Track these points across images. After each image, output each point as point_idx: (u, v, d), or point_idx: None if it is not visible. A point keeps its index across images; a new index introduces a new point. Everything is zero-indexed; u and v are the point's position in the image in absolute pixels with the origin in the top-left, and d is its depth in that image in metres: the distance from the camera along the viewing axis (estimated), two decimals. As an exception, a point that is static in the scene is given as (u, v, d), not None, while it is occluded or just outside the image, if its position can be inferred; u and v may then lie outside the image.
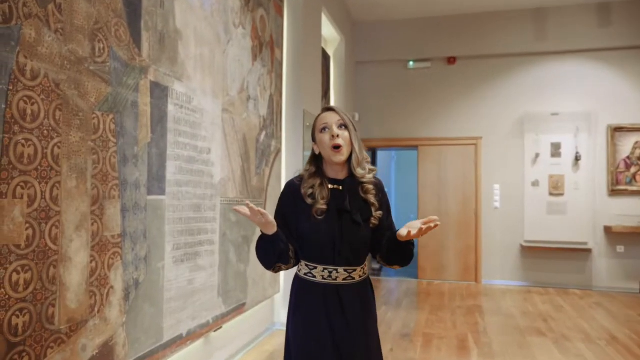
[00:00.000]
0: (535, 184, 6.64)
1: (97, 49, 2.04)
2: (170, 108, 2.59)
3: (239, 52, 3.47)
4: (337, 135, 1.60)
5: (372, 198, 1.64)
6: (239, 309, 3.47)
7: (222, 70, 3.22)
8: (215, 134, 3.10)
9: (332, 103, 6.41)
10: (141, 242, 2.34)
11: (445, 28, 6.96)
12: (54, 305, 1.81)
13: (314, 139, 1.71)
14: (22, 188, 1.68)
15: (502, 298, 5.85)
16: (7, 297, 1.62)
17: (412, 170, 13.29)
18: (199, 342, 2.97)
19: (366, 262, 1.72)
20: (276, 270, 1.69)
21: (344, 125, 1.63)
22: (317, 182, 1.64)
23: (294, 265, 1.72)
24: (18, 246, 1.66)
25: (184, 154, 2.72)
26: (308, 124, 4.73)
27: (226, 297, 3.25)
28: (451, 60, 7.00)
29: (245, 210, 1.49)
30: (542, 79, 6.74)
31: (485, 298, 5.84)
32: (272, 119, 4.12)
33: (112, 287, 2.13)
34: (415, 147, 7.27)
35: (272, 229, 1.56)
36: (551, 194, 6.59)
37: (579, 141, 6.53)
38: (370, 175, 1.66)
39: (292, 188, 1.70)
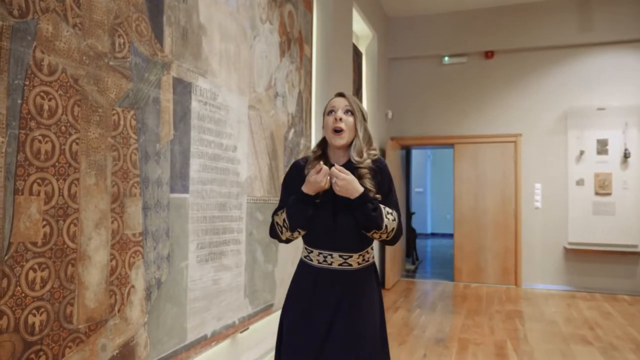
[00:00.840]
0: (579, 182, 6.30)
1: (117, 44, 2.01)
2: (194, 104, 2.54)
3: (266, 48, 3.40)
4: (340, 119, 1.62)
5: (367, 183, 1.62)
6: (267, 310, 3.40)
7: (249, 66, 3.16)
8: (242, 131, 3.04)
9: (365, 101, 6.28)
10: (163, 241, 2.29)
11: (482, 21, 6.71)
12: (72, 304, 1.78)
13: (323, 124, 1.74)
14: (39, 185, 1.65)
15: (543, 303, 5.57)
16: (23, 295, 1.59)
17: (448, 169, 12.98)
18: (224, 343, 2.92)
19: (369, 250, 1.69)
20: (295, 236, 1.71)
21: (350, 111, 1.65)
22: (319, 160, 1.68)
23: (297, 238, 1.74)
24: (35, 243, 1.64)
25: (208, 152, 2.67)
26: (338, 122, 4.63)
27: (253, 298, 3.19)
28: (488, 55, 6.74)
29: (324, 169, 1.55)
30: (587, 72, 6.39)
31: (525, 303, 5.57)
32: (300, 117, 4.04)
33: (133, 286, 2.09)
34: (451, 145, 7.04)
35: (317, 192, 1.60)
36: (597, 194, 6.23)
37: (627, 137, 6.14)
38: (368, 161, 1.65)
39: (296, 169, 1.74)
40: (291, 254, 3.77)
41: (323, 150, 1.73)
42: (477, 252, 6.72)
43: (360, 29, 6.03)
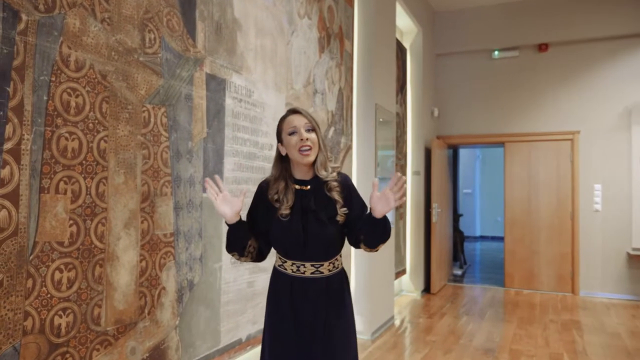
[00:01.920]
0: (645, 183, 5.81)
1: (147, 40, 1.96)
2: (228, 101, 2.47)
3: (304, 43, 3.30)
4: (307, 139, 1.64)
5: (336, 195, 1.67)
6: (305, 313, 3.30)
7: (286, 63, 3.07)
8: (278, 129, 2.95)
9: (409, 98, 6.07)
10: (196, 242, 2.23)
11: (534, 12, 6.33)
12: (100, 306, 1.74)
13: (279, 140, 1.73)
14: (66, 183, 1.62)
15: (604, 313, 5.16)
16: (49, 296, 1.56)
17: (498, 169, 12.45)
18: (260, 348, 2.83)
19: (338, 257, 1.75)
20: (234, 257, 1.76)
21: (311, 129, 1.67)
22: (282, 185, 1.70)
23: (253, 260, 1.78)
24: (61, 243, 1.60)
25: (243, 150, 2.60)
26: (382, 120, 4.47)
27: (290, 301, 3.09)
28: (542, 47, 6.35)
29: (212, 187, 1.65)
30: (654, 63, 5.88)
31: (583, 312, 5.18)
32: (341, 114, 3.91)
33: (163, 288, 2.04)
34: (502, 144, 6.69)
35: (234, 219, 1.65)
36: (665, 195, 5.72)
37: (701, 134, 5.60)
38: (334, 174, 1.70)
39: (261, 189, 1.76)
40: (331, 256, 3.65)
41: (282, 169, 1.73)
42: (529, 257, 6.34)
43: (405, 24, 5.83)
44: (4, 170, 1.43)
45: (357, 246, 1.76)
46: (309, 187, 1.70)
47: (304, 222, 1.66)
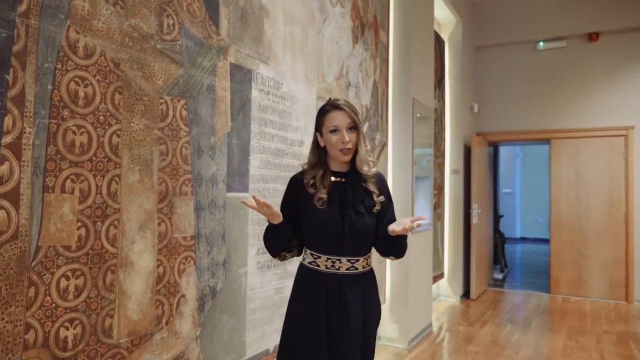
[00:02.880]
0: None
1: (165, 25, 1.80)
2: (255, 94, 2.29)
3: (336, 33, 3.09)
4: (348, 141, 1.62)
5: (371, 186, 1.68)
6: (337, 321, 3.09)
7: (317, 53, 2.87)
8: (309, 124, 2.75)
9: (447, 93, 5.77)
10: (219, 245, 2.06)
11: (585, -1, 5.91)
12: (112, 316, 1.59)
13: (318, 130, 1.70)
14: (73, 181, 1.47)
15: (664, 324, 4.73)
16: (53, 305, 1.41)
17: (540, 168, 11.88)
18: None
19: (370, 255, 1.73)
20: (281, 258, 1.73)
21: (353, 127, 1.65)
22: (320, 172, 1.68)
23: (298, 255, 1.76)
24: (68, 247, 1.45)
25: (271, 146, 2.42)
26: (419, 115, 4.21)
27: (321, 308, 2.89)
28: (592, 37, 5.92)
29: (251, 202, 1.52)
30: None
31: (640, 322, 4.77)
32: (376, 109, 3.68)
33: (183, 295, 1.87)
34: (547, 141, 6.29)
35: (278, 219, 1.60)
36: None
37: None
38: (374, 170, 1.71)
39: (296, 182, 1.73)
40: (365, 260, 3.43)
41: (320, 158, 1.71)
42: (578, 261, 5.92)
43: (443, 15, 5.54)
44: (2, 167, 1.29)
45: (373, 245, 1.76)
46: (344, 179, 1.69)
47: (342, 213, 1.64)
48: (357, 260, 1.67)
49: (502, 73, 6.49)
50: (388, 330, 3.92)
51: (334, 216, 1.63)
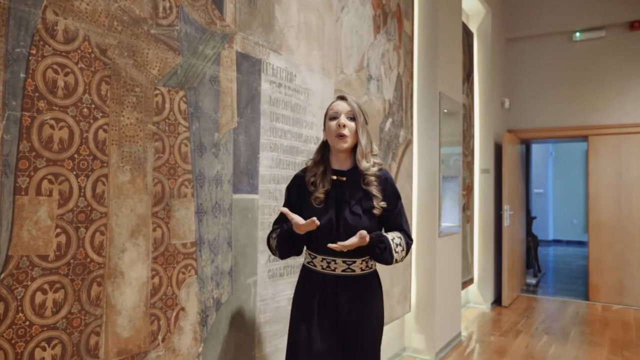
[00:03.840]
0: None
1: (160, 9, 1.62)
2: (265, 86, 2.10)
3: (356, 21, 2.87)
4: (344, 125, 1.65)
5: (373, 190, 1.66)
6: (358, 332, 2.87)
7: (335, 43, 2.66)
8: (326, 120, 2.54)
9: (476, 88, 5.46)
10: (224, 252, 1.87)
11: (626, -15, 5.51)
12: (98, 334, 1.41)
13: (325, 126, 1.74)
14: (51, 182, 1.29)
15: None
16: (27, 323, 1.24)
17: (575, 167, 11.36)
18: None
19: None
20: (285, 257, 1.76)
21: (352, 118, 1.68)
22: (320, 170, 1.70)
23: (294, 254, 1.76)
24: (44, 257, 1.28)
25: (283, 144, 2.22)
26: (446, 110, 3.95)
27: (340, 319, 2.67)
28: (634, 25, 5.51)
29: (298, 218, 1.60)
30: None
31: (691, 334, 4.38)
32: (400, 104, 3.44)
33: (182, 308, 1.69)
34: (584, 138, 5.92)
35: (306, 228, 1.60)
36: None
37: None
38: (375, 169, 1.68)
39: (297, 179, 1.77)
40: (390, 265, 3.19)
41: (323, 155, 1.74)
42: (620, 267, 5.52)
43: (471, 5, 5.24)
44: (-37, 166, 1.12)
45: None
46: (345, 178, 1.68)
47: (337, 212, 1.64)
48: (354, 262, 1.66)
49: (535, 66, 6.13)
50: (414, 340, 3.67)
51: (328, 216, 1.63)
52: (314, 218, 1.53)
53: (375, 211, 1.65)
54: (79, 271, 1.36)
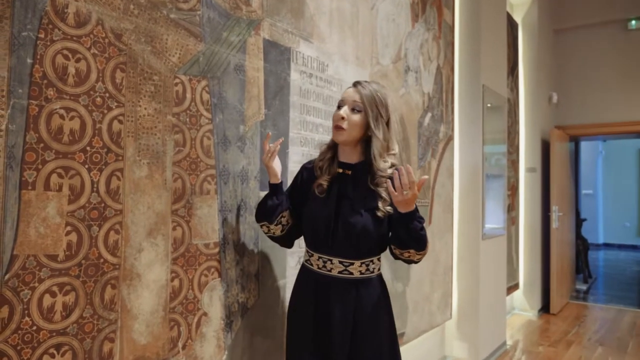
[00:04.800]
0: None
1: (181, -9, 1.51)
2: (294, 76, 1.96)
3: (392, 9, 2.70)
4: (343, 118, 1.51)
5: (382, 192, 1.49)
6: (396, 339, 2.69)
7: (370, 31, 2.50)
8: (360, 113, 2.38)
9: (521, 82, 5.16)
10: (250, 254, 1.75)
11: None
12: (112, 340, 1.31)
13: None
14: (61, 176, 1.20)
15: None
16: (34, 328, 1.15)
17: (627, 166, 10.70)
18: None
19: (374, 260, 1.55)
20: (263, 228, 1.63)
21: (358, 109, 1.51)
22: (328, 156, 1.59)
23: (280, 236, 1.64)
24: (53, 257, 1.18)
25: (314, 138, 2.08)
26: (490, 105, 3.71)
27: (376, 326, 2.50)
28: (698, 12, 5.08)
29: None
30: None
31: None
32: (440, 98, 3.24)
33: (205, 313, 1.57)
34: (638, 134, 5.50)
35: (274, 179, 1.57)
36: None
37: None
38: (391, 170, 1.49)
39: (305, 168, 1.67)
40: (429, 268, 3.01)
41: (334, 144, 1.60)
42: (682, 274, 5.09)
43: (516, -5, 4.97)
44: (-36, 158, 1.04)
45: (390, 250, 1.57)
46: (350, 172, 1.55)
47: (337, 207, 1.50)
48: (351, 264, 1.50)
49: (585, 58, 5.76)
50: (455, 349, 3.45)
51: (327, 210, 1.51)
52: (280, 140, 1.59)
53: (379, 213, 1.48)
54: (91, 272, 1.26)
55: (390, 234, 1.54)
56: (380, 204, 1.48)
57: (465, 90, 3.53)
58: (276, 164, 1.60)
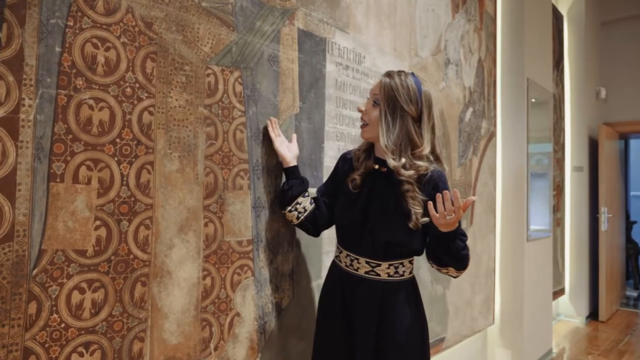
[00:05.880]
0: None
1: (213, -21, 1.46)
2: (330, 68, 1.88)
3: (432, -1, 2.59)
4: (364, 112, 1.46)
5: (409, 202, 1.35)
6: (436, 345, 2.57)
7: (408, 22, 2.39)
8: (399, 107, 2.28)
9: (567, 76, 4.92)
10: (284, 252, 1.68)
11: None
12: (142, 339, 1.26)
13: None
14: (90, 169, 1.16)
15: None
16: (62, 325, 1.11)
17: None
18: None
19: (404, 262, 1.44)
20: (288, 217, 1.56)
21: (377, 103, 1.41)
22: (364, 148, 1.52)
23: (301, 224, 1.55)
24: (82, 252, 1.14)
25: (351, 133, 1.99)
26: (534, 100, 3.53)
27: (415, 330, 2.39)
28: None
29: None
30: None
31: None
32: (482, 92, 3.09)
33: (237, 313, 1.51)
34: (698, 131, 5.14)
35: (293, 161, 1.55)
36: None
37: None
38: (410, 172, 1.35)
39: (344, 159, 1.58)
40: (470, 271, 2.86)
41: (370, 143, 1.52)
42: None
43: (561, -15, 4.73)
44: (-8, 148, 1.01)
45: (428, 259, 1.46)
46: (385, 169, 1.44)
47: (366, 207, 1.42)
48: (379, 265, 1.42)
49: (635, 51, 5.43)
50: (498, 356, 3.29)
51: (355, 209, 1.43)
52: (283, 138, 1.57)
53: (410, 224, 1.35)
54: (120, 269, 1.22)
55: (426, 239, 1.45)
56: (413, 215, 1.35)
57: (508, 84, 3.36)
58: (287, 148, 1.56)
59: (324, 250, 1.84)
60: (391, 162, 1.36)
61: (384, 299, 1.41)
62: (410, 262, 1.47)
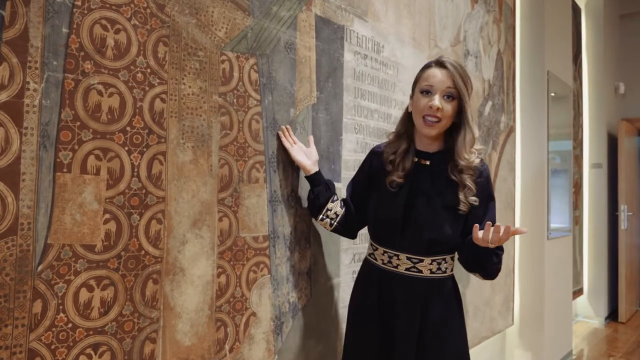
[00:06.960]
0: None
1: (228, -40, 1.38)
2: (348, 57, 1.80)
3: (451, -12, 2.49)
4: (438, 108, 1.30)
5: (467, 179, 1.32)
6: (455, 346, 2.48)
7: (427, 11, 2.30)
8: (418, 99, 2.19)
9: (585, 71, 4.79)
10: (302, 249, 1.60)
11: None
12: (154, 340, 1.19)
13: (412, 93, 1.41)
14: (99, 158, 1.09)
15: None
16: (70, 326, 1.04)
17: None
18: None
19: (447, 258, 1.38)
20: (323, 224, 1.52)
21: (452, 96, 1.32)
22: (403, 147, 1.41)
23: (337, 229, 1.51)
24: (90, 247, 1.07)
25: (369, 125, 1.91)
26: (554, 94, 3.42)
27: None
28: None
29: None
30: None
31: None
32: (501, 85, 2.99)
33: (253, 313, 1.43)
34: None
35: (314, 167, 1.49)
36: None
37: None
38: (477, 161, 1.34)
39: (373, 155, 1.50)
40: (489, 271, 2.76)
41: (407, 129, 1.42)
42: None
43: (579, -23, 4.60)
44: (-6, 135, 0.94)
45: (459, 253, 1.42)
46: (429, 162, 1.39)
47: (410, 203, 1.35)
48: (421, 261, 1.36)
49: (656, 45, 5.29)
50: (517, 357, 3.19)
51: (396, 205, 1.35)
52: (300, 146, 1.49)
53: (462, 207, 1.33)
54: (131, 265, 1.14)
55: (462, 243, 1.39)
56: (463, 195, 1.33)
57: (527, 78, 3.26)
58: (304, 155, 1.50)
59: (342, 247, 1.76)
60: (466, 158, 1.33)
61: (427, 298, 1.35)
62: (452, 259, 1.43)
